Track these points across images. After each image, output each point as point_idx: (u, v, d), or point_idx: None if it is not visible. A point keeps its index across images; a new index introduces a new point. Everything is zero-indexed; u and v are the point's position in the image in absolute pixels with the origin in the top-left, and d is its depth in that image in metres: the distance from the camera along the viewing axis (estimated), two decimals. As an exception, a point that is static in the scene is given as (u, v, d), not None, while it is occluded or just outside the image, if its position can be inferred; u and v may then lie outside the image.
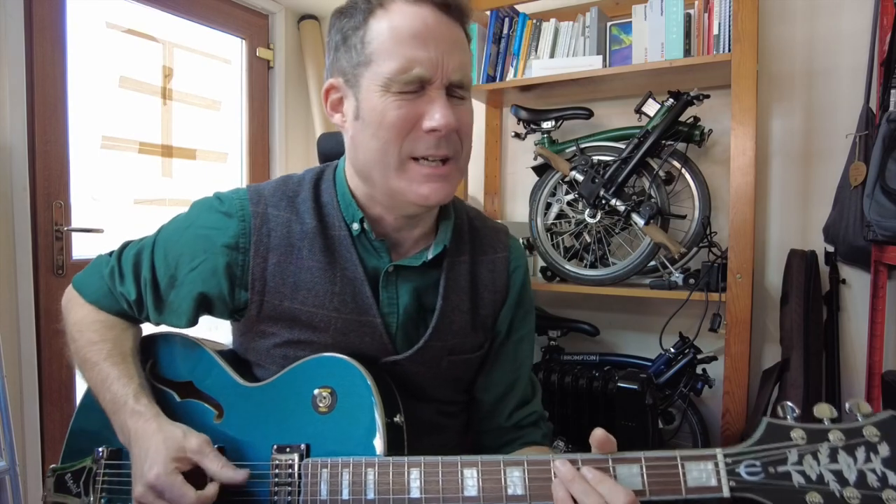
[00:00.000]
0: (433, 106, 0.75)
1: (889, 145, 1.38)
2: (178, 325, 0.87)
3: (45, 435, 1.84)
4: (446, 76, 0.75)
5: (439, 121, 0.74)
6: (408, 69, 0.74)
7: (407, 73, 0.74)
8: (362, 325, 0.84)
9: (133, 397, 0.80)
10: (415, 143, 0.77)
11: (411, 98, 0.75)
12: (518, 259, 0.97)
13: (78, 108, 1.95)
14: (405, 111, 0.75)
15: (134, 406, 0.79)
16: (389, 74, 0.74)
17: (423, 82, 0.75)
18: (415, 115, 0.76)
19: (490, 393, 0.96)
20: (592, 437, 0.66)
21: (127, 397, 0.80)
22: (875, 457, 0.58)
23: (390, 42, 0.75)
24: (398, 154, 0.77)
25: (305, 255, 0.83)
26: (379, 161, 0.78)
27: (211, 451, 0.74)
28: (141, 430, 0.76)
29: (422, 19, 0.75)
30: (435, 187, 0.78)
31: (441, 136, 0.76)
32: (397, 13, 0.75)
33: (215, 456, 0.74)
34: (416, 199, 0.78)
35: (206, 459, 0.74)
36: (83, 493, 0.86)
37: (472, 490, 0.67)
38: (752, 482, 0.61)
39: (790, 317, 1.69)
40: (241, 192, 0.87)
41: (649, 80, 1.83)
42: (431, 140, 0.76)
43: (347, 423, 0.75)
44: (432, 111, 0.75)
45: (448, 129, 0.75)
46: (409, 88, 0.75)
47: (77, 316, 0.90)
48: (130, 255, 0.89)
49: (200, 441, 0.75)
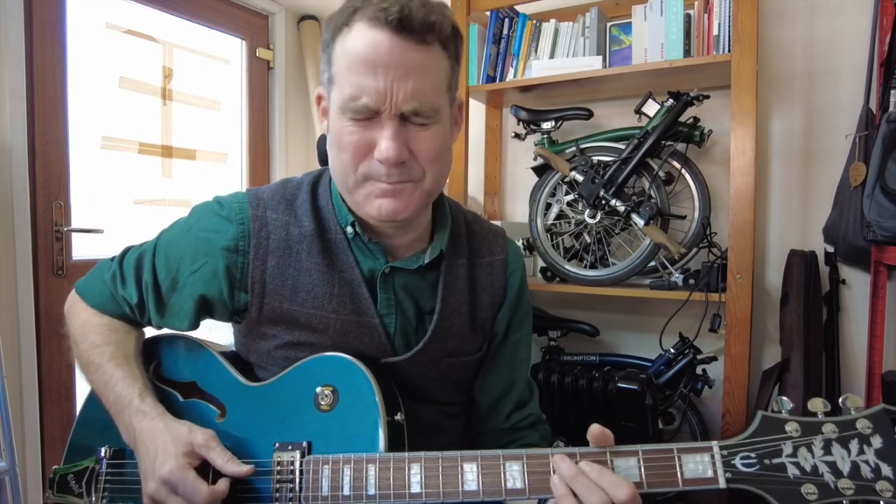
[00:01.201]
0: (381, 136, 0.74)
1: (889, 146, 1.39)
2: (180, 327, 0.88)
3: (45, 435, 1.84)
4: (396, 106, 0.72)
5: (383, 153, 0.73)
6: (356, 98, 0.72)
7: (355, 101, 0.72)
8: (361, 325, 0.85)
9: (138, 397, 0.80)
10: (369, 168, 0.76)
11: (364, 125, 0.74)
12: (515, 262, 0.97)
13: (78, 109, 1.95)
14: (357, 137, 0.75)
15: (139, 405, 0.79)
16: (343, 100, 0.74)
17: (371, 111, 0.73)
18: (367, 142, 0.75)
19: (487, 394, 0.96)
20: (589, 432, 0.66)
21: (132, 397, 0.80)
22: (868, 448, 0.59)
23: (345, 67, 0.74)
24: (355, 174, 0.77)
25: (304, 257, 0.84)
26: (341, 177, 0.80)
27: (217, 446, 0.75)
28: (147, 429, 0.77)
29: (374, 45, 0.71)
30: (386, 202, 0.77)
31: (391, 166, 0.75)
32: (356, 36, 0.73)
33: (221, 450, 0.75)
34: (370, 213, 0.79)
35: (212, 453, 0.75)
36: (85, 494, 0.87)
37: (472, 484, 0.68)
38: (748, 473, 0.61)
39: (790, 317, 1.69)
40: (241, 195, 0.87)
41: (649, 80, 1.83)
42: (383, 168, 0.75)
43: (349, 420, 0.76)
44: (380, 142, 0.74)
45: (392, 162, 0.74)
46: (360, 116, 0.74)
47: (80, 320, 0.91)
48: (132, 260, 0.89)
49: (207, 436, 0.76)
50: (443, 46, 0.75)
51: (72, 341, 0.91)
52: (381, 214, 0.78)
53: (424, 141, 0.76)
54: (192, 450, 0.74)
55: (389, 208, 0.77)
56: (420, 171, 0.78)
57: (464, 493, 0.68)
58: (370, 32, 0.71)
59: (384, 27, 0.70)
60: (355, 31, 0.73)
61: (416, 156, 0.76)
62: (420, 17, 0.71)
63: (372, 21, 0.71)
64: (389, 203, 0.77)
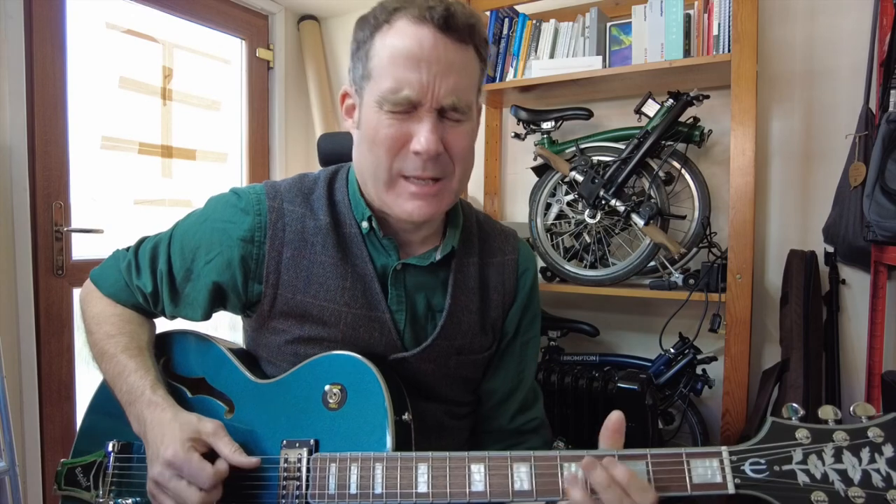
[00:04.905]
0: (420, 128, 0.76)
1: (889, 146, 1.38)
2: (193, 317, 0.89)
3: (45, 435, 1.84)
4: (437, 100, 0.75)
5: (423, 145, 0.76)
6: (397, 90, 0.75)
7: (396, 93, 0.75)
8: (371, 320, 0.85)
9: (150, 388, 0.81)
10: (404, 162, 0.78)
11: (402, 118, 0.77)
12: (527, 262, 0.99)
13: (78, 109, 1.95)
14: (395, 130, 0.77)
15: (151, 397, 0.80)
16: (382, 93, 0.76)
17: (412, 104, 0.75)
18: (404, 135, 0.77)
19: (494, 393, 0.97)
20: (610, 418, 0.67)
21: (144, 388, 0.81)
22: (879, 457, 0.59)
23: (387, 61, 0.76)
24: (388, 170, 0.79)
25: (319, 250, 0.85)
26: (372, 173, 0.81)
27: (225, 436, 0.76)
28: (157, 419, 0.77)
29: (418, 40, 0.74)
30: (420, 205, 0.79)
31: (427, 159, 0.77)
32: (398, 32, 0.76)
33: (229, 440, 0.76)
34: (401, 213, 0.81)
35: (220, 442, 0.75)
36: (93, 487, 0.87)
37: (479, 485, 0.68)
38: (757, 480, 0.61)
39: (790, 317, 1.69)
40: (258, 187, 0.89)
41: (649, 80, 1.83)
42: (418, 161, 0.77)
43: (357, 419, 0.76)
44: (418, 134, 0.76)
45: (430, 154, 0.76)
46: (399, 109, 0.76)
47: (95, 309, 0.91)
48: (147, 249, 0.90)
49: (215, 425, 0.77)
50: (477, 50, 0.80)
51: (86, 329, 0.92)
52: (412, 216, 0.80)
53: (458, 137, 0.79)
54: (198, 437, 0.75)
55: (422, 212, 0.80)
56: (451, 167, 0.80)
57: (471, 494, 0.68)
58: (414, 28, 0.75)
59: (429, 24, 0.74)
60: (398, 27, 0.76)
61: (449, 151, 0.79)
62: (463, 19, 0.75)
63: (417, 19, 0.75)
64: (420, 207, 0.80)
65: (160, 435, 0.75)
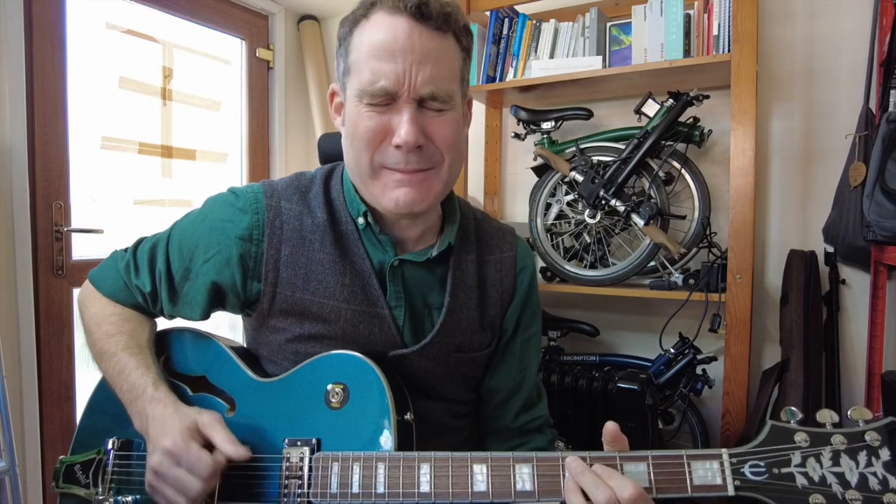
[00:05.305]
0: (399, 120, 0.76)
1: (889, 146, 1.39)
2: (192, 317, 0.89)
3: (45, 435, 1.84)
4: (414, 90, 0.75)
5: (402, 137, 0.75)
6: (374, 82, 0.74)
7: (373, 84, 0.75)
8: (371, 316, 0.85)
9: (152, 385, 0.81)
10: (385, 155, 0.78)
11: (381, 110, 0.76)
12: (525, 259, 0.98)
13: (78, 109, 1.95)
14: (374, 123, 0.76)
15: (153, 393, 0.80)
16: (361, 86, 0.76)
17: (390, 95, 0.75)
18: (384, 128, 0.77)
19: (496, 392, 0.97)
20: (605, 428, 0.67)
21: (146, 385, 0.81)
22: (876, 461, 0.60)
23: (364, 54, 0.76)
24: (370, 164, 0.79)
25: (317, 247, 0.85)
26: (355, 167, 0.81)
27: (221, 426, 0.76)
28: (159, 414, 0.78)
29: (393, 31, 0.74)
30: (406, 191, 0.79)
31: (408, 151, 0.76)
32: (374, 25, 0.76)
33: (224, 431, 0.76)
34: (388, 204, 0.80)
35: (213, 432, 0.75)
36: (92, 484, 0.87)
37: (481, 485, 0.68)
38: (757, 482, 0.62)
39: (790, 317, 1.69)
40: (256, 186, 0.89)
41: (649, 80, 1.83)
42: (400, 155, 0.77)
43: (359, 418, 0.76)
44: (398, 127, 0.76)
45: (409, 146, 0.75)
46: (377, 101, 0.76)
47: (94, 309, 0.92)
48: (146, 249, 0.90)
49: (212, 417, 0.77)
50: (456, 38, 0.79)
51: (85, 330, 0.92)
52: (398, 206, 0.79)
53: (441, 126, 0.78)
54: (196, 427, 0.75)
55: (407, 199, 0.79)
56: (440, 156, 0.80)
57: (473, 494, 0.68)
58: (389, 19, 0.75)
59: (403, 14, 0.74)
60: (374, 20, 0.76)
61: (433, 141, 0.78)
62: (437, 7, 0.75)
63: (391, 9, 0.75)
64: (407, 194, 0.79)
65: (161, 428, 0.76)
